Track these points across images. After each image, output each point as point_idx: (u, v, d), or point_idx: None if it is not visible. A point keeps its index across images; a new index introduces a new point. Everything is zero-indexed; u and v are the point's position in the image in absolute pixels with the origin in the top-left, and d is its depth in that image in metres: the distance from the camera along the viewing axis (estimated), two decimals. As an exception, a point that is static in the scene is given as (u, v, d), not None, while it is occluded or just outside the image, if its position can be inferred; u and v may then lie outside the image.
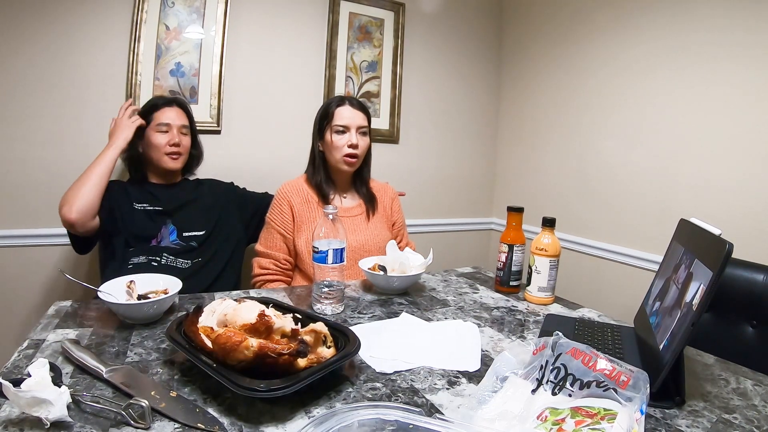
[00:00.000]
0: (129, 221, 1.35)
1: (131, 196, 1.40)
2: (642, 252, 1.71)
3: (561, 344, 0.62)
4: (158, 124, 1.40)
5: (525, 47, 2.26)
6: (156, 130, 1.40)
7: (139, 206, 1.39)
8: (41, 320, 0.86)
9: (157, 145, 1.39)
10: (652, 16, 1.66)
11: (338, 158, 1.33)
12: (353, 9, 2.01)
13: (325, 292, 0.95)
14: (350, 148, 1.32)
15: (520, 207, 1.13)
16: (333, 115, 1.34)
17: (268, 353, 0.60)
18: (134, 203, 1.39)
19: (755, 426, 0.61)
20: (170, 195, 1.45)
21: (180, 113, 1.45)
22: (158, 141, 1.39)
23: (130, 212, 1.37)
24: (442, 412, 0.61)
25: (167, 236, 1.39)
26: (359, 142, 1.33)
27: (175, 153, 1.42)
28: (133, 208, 1.38)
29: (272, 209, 1.37)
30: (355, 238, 1.35)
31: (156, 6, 1.65)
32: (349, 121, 1.33)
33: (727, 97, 1.44)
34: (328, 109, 1.36)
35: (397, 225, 1.49)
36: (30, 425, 0.53)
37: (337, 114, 1.34)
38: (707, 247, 0.67)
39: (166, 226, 1.40)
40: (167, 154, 1.41)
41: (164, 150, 1.40)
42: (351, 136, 1.32)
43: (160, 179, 1.48)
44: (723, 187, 1.45)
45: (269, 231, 1.37)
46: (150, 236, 1.37)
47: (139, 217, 1.37)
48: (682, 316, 0.66)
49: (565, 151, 2.03)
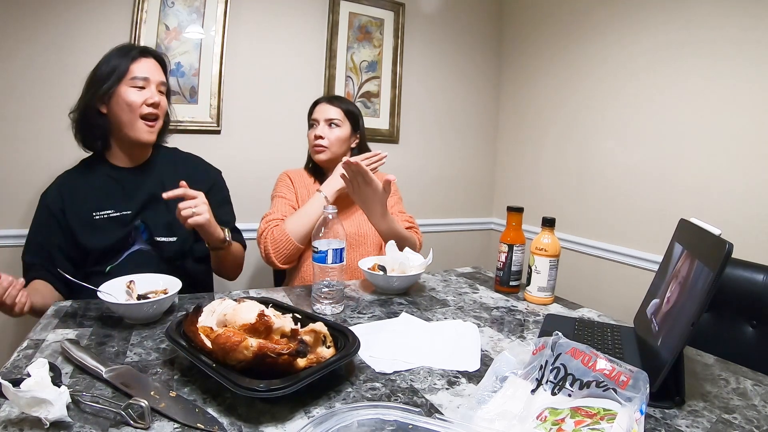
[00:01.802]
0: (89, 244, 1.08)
1: (86, 201, 1.11)
2: (642, 252, 1.71)
3: (561, 344, 0.62)
4: (133, 78, 1.08)
5: (525, 47, 2.25)
6: (130, 85, 1.08)
7: (100, 215, 1.11)
8: (41, 320, 0.86)
9: (131, 105, 1.08)
10: (652, 15, 1.65)
11: (311, 150, 1.42)
12: (353, 9, 2.01)
13: (325, 292, 0.95)
14: (317, 139, 1.39)
15: (520, 207, 1.13)
16: (311, 112, 1.44)
17: (268, 353, 0.60)
18: (93, 212, 1.11)
19: (755, 426, 0.60)
20: (138, 184, 1.16)
21: (158, 68, 1.15)
22: (133, 99, 1.08)
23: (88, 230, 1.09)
24: (441, 412, 0.61)
25: (139, 237, 1.15)
26: (325, 134, 1.39)
27: (153, 117, 1.12)
28: (93, 220, 1.11)
29: (277, 185, 1.43)
30: (350, 224, 1.38)
31: (156, 6, 1.65)
32: (318, 114, 1.41)
33: (728, 95, 1.44)
34: (311, 107, 1.46)
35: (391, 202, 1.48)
36: (30, 425, 0.53)
37: (313, 111, 1.43)
38: (707, 247, 0.67)
39: (136, 230, 1.15)
40: (143, 117, 1.10)
41: (140, 111, 1.09)
42: (318, 128, 1.39)
43: (126, 159, 1.17)
44: (723, 187, 1.45)
45: (274, 200, 1.39)
46: (119, 249, 1.12)
47: (102, 232, 1.10)
48: (681, 316, 0.66)
49: (566, 150, 2.03)
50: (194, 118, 1.74)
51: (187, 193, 1.03)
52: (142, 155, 1.20)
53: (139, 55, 1.12)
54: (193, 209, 1.03)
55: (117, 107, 1.09)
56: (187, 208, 1.02)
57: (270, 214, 1.32)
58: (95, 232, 1.11)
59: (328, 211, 0.95)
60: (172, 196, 1.02)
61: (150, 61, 1.14)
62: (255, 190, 1.82)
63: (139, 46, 1.18)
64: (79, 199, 1.13)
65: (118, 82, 1.08)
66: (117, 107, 1.09)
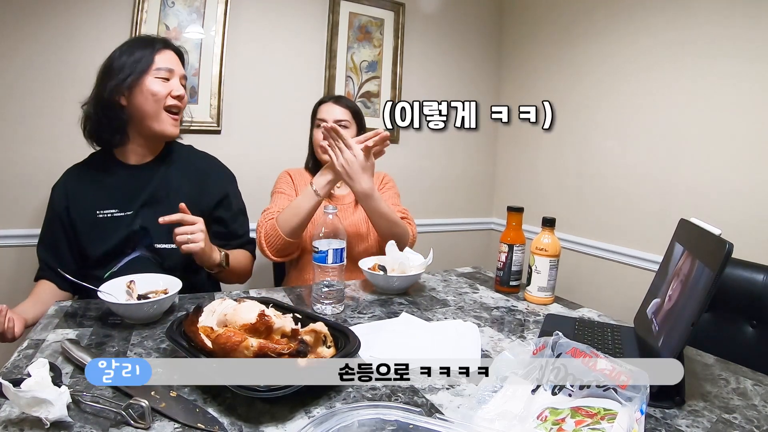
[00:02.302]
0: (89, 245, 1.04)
1: (91, 197, 1.07)
2: (642, 252, 1.71)
3: (561, 344, 0.62)
4: (157, 69, 1.05)
5: (525, 47, 2.26)
6: (154, 76, 1.04)
7: (104, 214, 1.07)
8: (41, 320, 0.86)
9: (156, 95, 1.04)
10: (652, 15, 1.65)
11: (317, 151, 1.40)
12: (353, 9, 2.01)
13: (325, 292, 0.95)
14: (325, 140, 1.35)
15: (520, 207, 1.13)
16: (316, 112, 1.42)
17: (268, 353, 0.60)
18: (97, 210, 1.07)
19: (755, 426, 0.61)
20: (146, 182, 1.11)
21: (179, 61, 1.12)
22: (158, 89, 1.04)
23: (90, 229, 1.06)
24: (442, 412, 0.61)
25: (141, 243, 1.09)
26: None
27: (177, 109, 1.09)
28: (96, 219, 1.07)
29: (277, 182, 1.43)
30: (348, 224, 1.37)
31: (156, 6, 1.65)
32: (326, 115, 1.38)
33: (728, 95, 1.44)
34: (315, 107, 1.44)
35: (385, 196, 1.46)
36: (30, 425, 0.53)
37: (319, 110, 1.41)
38: (707, 247, 0.67)
39: (138, 235, 1.09)
40: (167, 109, 1.06)
41: (165, 103, 1.05)
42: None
43: (139, 156, 1.12)
44: (723, 187, 1.45)
45: (274, 197, 1.38)
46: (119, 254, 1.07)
47: (103, 233, 1.06)
48: (682, 315, 0.66)
49: (566, 150, 2.03)
50: (194, 118, 1.72)
51: (185, 219, 0.99)
52: (157, 151, 1.15)
53: (163, 46, 1.09)
54: (188, 236, 0.99)
55: (141, 98, 1.04)
56: (182, 234, 0.99)
57: (269, 208, 1.32)
58: (97, 232, 1.08)
59: (328, 210, 0.95)
60: (168, 221, 0.98)
61: (172, 53, 1.10)
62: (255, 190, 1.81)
63: (162, 38, 1.13)
64: (84, 196, 1.09)
65: (144, 72, 1.03)
66: (141, 98, 1.04)
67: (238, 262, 1.20)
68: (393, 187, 1.53)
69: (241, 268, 1.24)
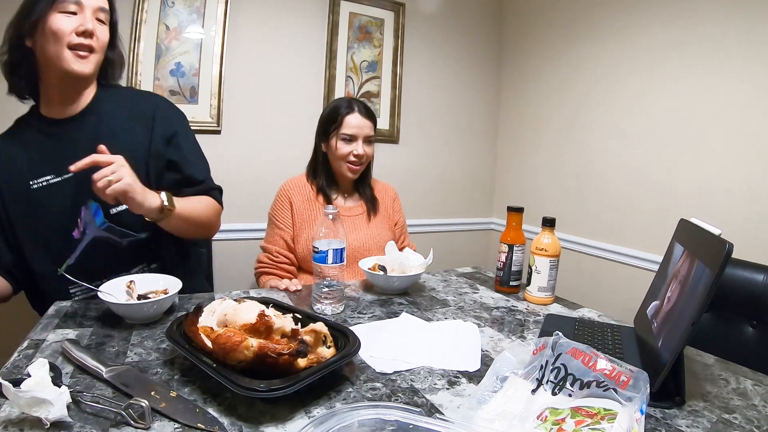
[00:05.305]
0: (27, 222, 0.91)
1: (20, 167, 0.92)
2: (642, 252, 1.71)
3: (561, 344, 0.62)
4: (63, 2, 0.88)
5: (525, 47, 2.26)
6: (59, 11, 0.88)
7: (38, 183, 0.92)
8: (41, 320, 0.86)
9: (56, 33, 0.87)
10: (652, 14, 1.66)
11: (342, 165, 1.34)
12: (353, 9, 2.01)
13: (325, 292, 0.95)
14: (355, 158, 1.32)
15: (520, 207, 1.13)
16: (341, 123, 1.31)
17: (268, 353, 0.60)
18: (29, 181, 0.92)
19: (755, 426, 0.61)
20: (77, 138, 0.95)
21: None
22: (59, 26, 0.87)
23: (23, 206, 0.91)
24: (442, 412, 0.61)
25: (91, 222, 0.92)
26: (365, 151, 1.33)
27: (85, 48, 0.91)
28: (30, 192, 0.92)
29: (274, 205, 1.38)
30: (356, 237, 1.35)
31: (156, 6, 1.65)
32: (357, 130, 1.31)
33: (728, 95, 1.44)
34: (336, 114, 1.33)
35: (399, 225, 1.49)
36: (30, 425, 0.53)
37: (346, 122, 1.31)
38: (707, 247, 0.67)
39: (86, 206, 0.92)
40: (72, 47, 0.89)
41: (67, 40, 0.88)
42: (357, 146, 1.32)
43: (61, 107, 0.96)
44: (723, 187, 1.45)
45: (270, 226, 1.37)
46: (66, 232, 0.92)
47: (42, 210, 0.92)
48: (682, 316, 0.66)
49: (565, 150, 2.03)
50: (194, 118, 1.74)
51: (97, 159, 0.83)
52: (79, 100, 0.98)
53: None
54: (108, 177, 0.81)
55: (43, 39, 0.89)
56: (102, 178, 0.81)
57: (265, 249, 1.34)
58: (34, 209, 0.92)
59: (328, 211, 0.95)
60: (80, 167, 0.82)
61: None
62: (255, 190, 1.82)
63: None
64: (13, 168, 0.94)
65: (48, 8, 0.88)
66: (43, 39, 0.89)
67: (193, 208, 1.01)
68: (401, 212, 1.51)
69: (198, 216, 1.03)
